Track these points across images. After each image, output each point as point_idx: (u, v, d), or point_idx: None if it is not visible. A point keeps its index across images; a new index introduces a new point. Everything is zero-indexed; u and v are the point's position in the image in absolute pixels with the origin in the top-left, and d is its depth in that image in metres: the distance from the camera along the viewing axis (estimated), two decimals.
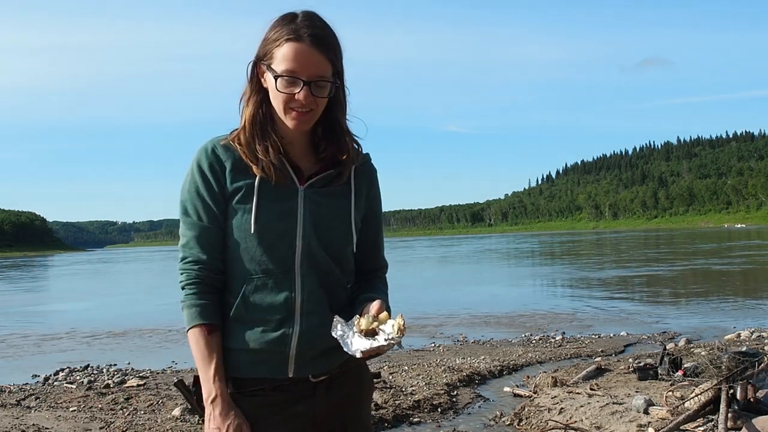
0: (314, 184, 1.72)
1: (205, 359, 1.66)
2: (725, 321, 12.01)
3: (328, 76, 1.65)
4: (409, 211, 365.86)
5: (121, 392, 7.37)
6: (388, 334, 1.56)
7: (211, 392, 1.65)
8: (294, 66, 1.61)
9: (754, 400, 4.53)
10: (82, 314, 17.27)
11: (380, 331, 1.57)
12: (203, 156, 1.71)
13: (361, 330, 1.58)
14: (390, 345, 1.56)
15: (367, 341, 1.56)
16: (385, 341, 1.55)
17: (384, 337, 1.56)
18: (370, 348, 1.55)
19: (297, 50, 1.62)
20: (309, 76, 1.62)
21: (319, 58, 1.63)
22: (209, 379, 1.65)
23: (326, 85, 1.65)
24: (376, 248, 1.88)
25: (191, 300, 1.68)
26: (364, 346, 1.56)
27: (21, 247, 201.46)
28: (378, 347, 1.55)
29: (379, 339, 1.56)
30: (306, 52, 1.62)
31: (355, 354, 1.57)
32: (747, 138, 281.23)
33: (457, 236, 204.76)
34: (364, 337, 1.57)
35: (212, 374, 1.65)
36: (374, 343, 1.56)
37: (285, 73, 1.62)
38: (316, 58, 1.62)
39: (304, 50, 1.62)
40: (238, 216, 1.68)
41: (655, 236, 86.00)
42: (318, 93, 1.64)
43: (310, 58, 1.62)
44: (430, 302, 16.20)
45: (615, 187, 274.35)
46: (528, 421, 5.82)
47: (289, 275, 1.68)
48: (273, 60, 1.64)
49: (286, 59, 1.62)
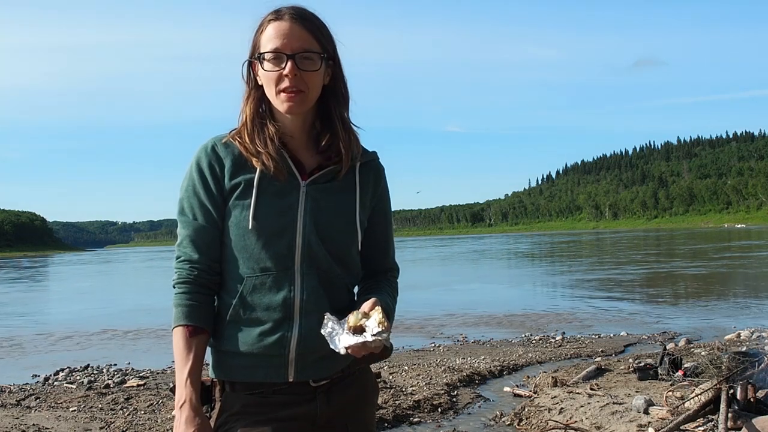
0: (317, 179, 1.69)
1: (181, 361, 1.61)
2: (725, 321, 12.00)
3: (313, 49, 1.64)
4: (409, 211, 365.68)
5: (121, 392, 7.37)
6: (372, 329, 1.50)
7: (182, 397, 1.59)
8: (276, 42, 1.63)
9: (754, 400, 4.53)
10: (82, 314, 17.26)
11: (366, 328, 1.51)
12: (203, 154, 1.69)
13: (349, 327, 1.52)
14: (377, 342, 1.49)
15: (353, 337, 1.50)
16: (371, 337, 1.49)
17: (371, 332, 1.50)
18: (355, 344, 1.50)
19: (278, 28, 1.63)
20: (293, 50, 1.62)
21: (301, 32, 1.63)
22: (182, 382, 1.60)
23: (313, 58, 1.64)
24: (385, 249, 1.82)
25: (178, 299, 1.65)
26: (349, 342, 1.50)
27: (21, 247, 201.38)
28: (363, 343, 1.49)
29: (366, 335, 1.50)
30: (287, 28, 1.63)
31: (339, 351, 1.51)
32: (747, 138, 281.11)
33: (457, 236, 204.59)
34: (352, 334, 1.51)
35: (185, 378, 1.59)
36: (359, 339, 1.49)
37: (269, 52, 1.63)
38: (298, 32, 1.63)
39: (284, 26, 1.63)
40: (237, 212, 1.65)
41: (656, 236, 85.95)
42: (305, 67, 1.63)
43: (292, 33, 1.63)
44: (430, 302, 16.19)
45: (615, 187, 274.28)
46: (528, 421, 5.82)
47: (289, 274, 1.64)
48: (260, 47, 1.66)
49: (269, 40, 1.64)
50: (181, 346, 1.62)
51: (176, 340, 1.63)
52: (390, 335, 1.53)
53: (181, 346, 1.62)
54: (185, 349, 1.61)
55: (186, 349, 1.61)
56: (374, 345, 1.50)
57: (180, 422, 1.58)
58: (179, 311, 1.64)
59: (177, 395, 1.60)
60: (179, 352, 1.62)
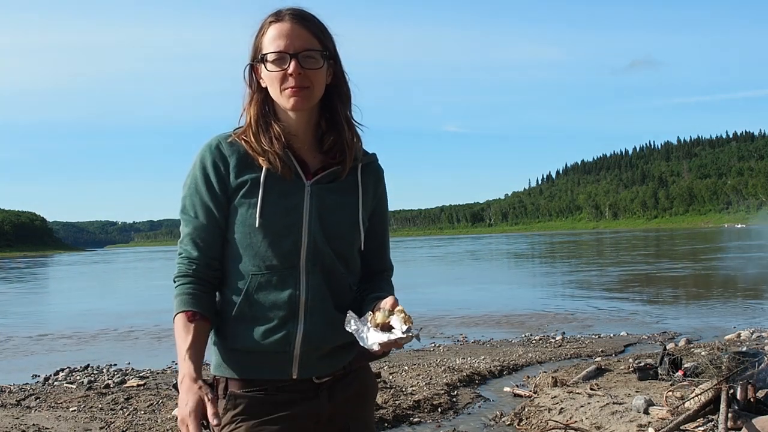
0: (321, 179, 1.71)
1: (181, 341, 1.60)
2: (725, 321, 12.01)
3: (315, 47, 1.66)
4: (409, 211, 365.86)
5: (121, 392, 7.36)
6: (401, 326, 1.54)
7: (181, 374, 1.57)
8: (279, 43, 1.65)
9: (754, 400, 4.53)
10: (82, 314, 17.25)
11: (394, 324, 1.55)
12: (207, 153, 1.70)
13: (376, 324, 1.56)
14: (409, 337, 1.53)
15: (384, 334, 1.54)
16: (403, 333, 1.53)
17: (400, 329, 1.54)
18: (388, 340, 1.53)
19: (279, 29, 1.66)
20: (295, 49, 1.64)
21: (302, 32, 1.66)
22: (181, 360, 1.58)
23: (315, 56, 1.66)
24: (383, 249, 1.85)
25: (178, 290, 1.66)
26: (381, 339, 1.54)
27: (21, 247, 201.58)
28: (396, 339, 1.53)
29: (396, 332, 1.54)
30: (288, 29, 1.65)
31: (372, 348, 1.54)
32: (747, 138, 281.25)
33: (456, 236, 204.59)
34: (380, 331, 1.55)
35: (184, 353, 1.57)
36: (391, 336, 1.53)
37: (272, 53, 1.65)
38: (299, 32, 1.65)
39: (285, 27, 1.66)
40: (243, 211, 1.66)
41: (655, 236, 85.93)
42: (308, 65, 1.65)
43: (293, 33, 1.65)
44: (431, 302, 16.18)
45: (615, 187, 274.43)
46: (528, 421, 5.82)
47: (294, 272, 1.66)
48: (262, 49, 1.67)
49: (271, 41, 1.66)
50: (181, 329, 1.62)
51: (177, 326, 1.63)
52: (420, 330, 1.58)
53: (180, 329, 1.62)
54: (184, 330, 1.61)
55: (185, 330, 1.61)
56: (405, 341, 1.55)
57: (181, 396, 1.55)
58: (179, 300, 1.65)
59: (179, 374, 1.58)
60: (179, 334, 1.62)
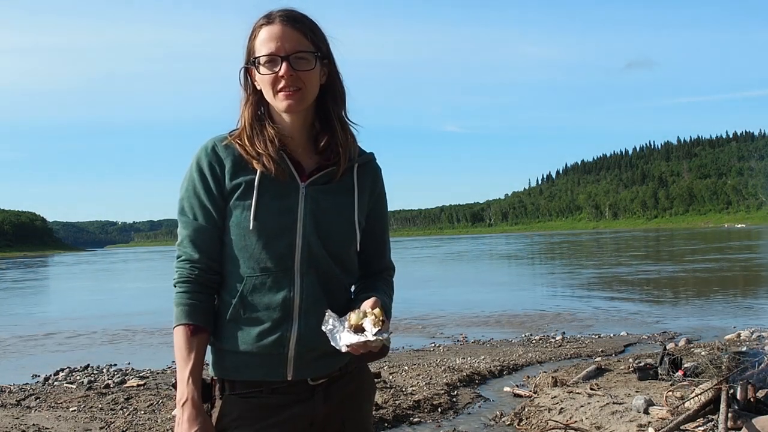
0: (316, 181, 1.71)
1: (183, 360, 1.63)
2: (725, 321, 12.00)
3: (306, 49, 1.66)
4: (409, 211, 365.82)
5: (121, 392, 7.36)
6: (372, 329, 1.52)
7: (183, 395, 1.61)
8: (270, 46, 1.65)
9: (754, 400, 4.53)
10: (82, 314, 17.25)
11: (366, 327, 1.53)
12: (203, 154, 1.71)
13: (351, 325, 1.54)
14: (378, 341, 1.51)
15: (355, 336, 1.52)
16: (372, 336, 1.51)
17: (371, 332, 1.51)
18: (357, 342, 1.51)
19: (270, 32, 1.66)
20: (286, 51, 1.64)
21: (293, 34, 1.65)
22: (183, 381, 1.62)
23: (307, 58, 1.66)
24: (381, 249, 1.85)
25: (179, 298, 1.67)
26: (351, 341, 1.52)
27: (21, 247, 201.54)
28: (364, 342, 1.51)
29: (367, 334, 1.52)
30: (278, 31, 1.65)
31: (340, 349, 1.53)
32: (747, 138, 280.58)
33: (456, 236, 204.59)
34: (353, 332, 1.53)
35: (186, 376, 1.61)
36: (361, 338, 1.51)
37: (263, 56, 1.65)
38: (290, 33, 1.65)
39: (276, 30, 1.66)
40: (237, 213, 1.66)
41: (655, 236, 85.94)
42: (300, 67, 1.65)
43: (284, 35, 1.65)
44: (430, 302, 16.19)
45: (615, 187, 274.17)
46: (528, 421, 5.82)
47: (288, 274, 1.66)
48: (255, 52, 1.68)
49: (262, 44, 1.66)
50: (183, 345, 1.64)
51: (177, 339, 1.65)
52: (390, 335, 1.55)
53: (182, 345, 1.64)
54: (186, 348, 1.63)
55: (187, 348, 1.63)
56: (375, 344, 1.53)
57: (182, 420, 1.60)
58: (180, 310, 1.66)
59: (179, 394, 1.62)
60: (180, 351, 1.64)
